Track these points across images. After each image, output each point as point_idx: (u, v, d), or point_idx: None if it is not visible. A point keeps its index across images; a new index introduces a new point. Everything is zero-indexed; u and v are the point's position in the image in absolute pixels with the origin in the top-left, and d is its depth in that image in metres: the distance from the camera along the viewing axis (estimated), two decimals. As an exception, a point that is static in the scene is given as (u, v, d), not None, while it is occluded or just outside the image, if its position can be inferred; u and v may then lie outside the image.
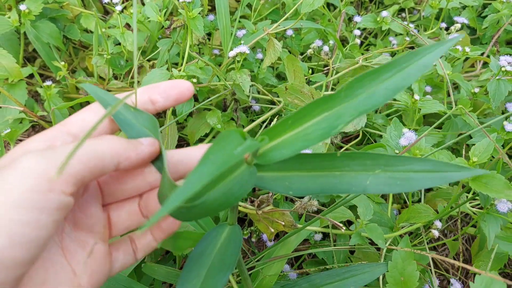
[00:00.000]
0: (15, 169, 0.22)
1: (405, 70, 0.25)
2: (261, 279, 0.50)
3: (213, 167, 0.21)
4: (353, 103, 0.25)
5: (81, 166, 0.24)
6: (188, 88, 0.32)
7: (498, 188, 0.46)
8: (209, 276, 0.32)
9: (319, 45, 0.75)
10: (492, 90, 0.66)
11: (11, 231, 0.21)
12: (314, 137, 0.25)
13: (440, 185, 0.26)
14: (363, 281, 0.47)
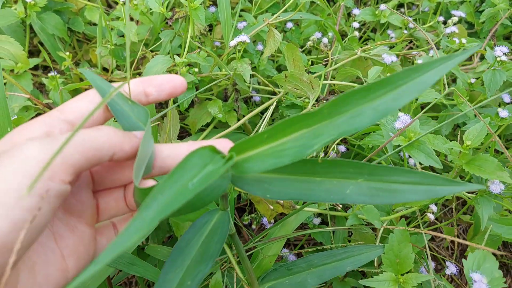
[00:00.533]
0: (17, 156, 0.23)
1: (399, 89, 0.23)
2: (261, 259, 0.51)
3: (157, 211, 0.20)
4: (334, 122, 0.23)
5: (79, 156, 0.25)
6: (182, 84, 0.33)
7: (490, 169, 0.48)
8: (191, 266, 0.32)
9: (318, 37, 0.77)
10: (487, 80, 0.67)
11: (14, 216, 0.21)
12: (288, 154, 0.24)
13: (426, 199, 0.26)
14: (359, 262, 0.49)
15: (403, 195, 0.25)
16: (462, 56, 0.23)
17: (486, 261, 0.45)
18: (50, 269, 0.27)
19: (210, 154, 0.25)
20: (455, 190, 0.24)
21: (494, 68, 0.67)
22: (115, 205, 0.32)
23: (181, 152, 0.30)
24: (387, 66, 0.68)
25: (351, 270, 0.48)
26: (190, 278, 0.32)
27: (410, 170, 0.25)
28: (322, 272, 0.48)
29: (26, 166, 0.22)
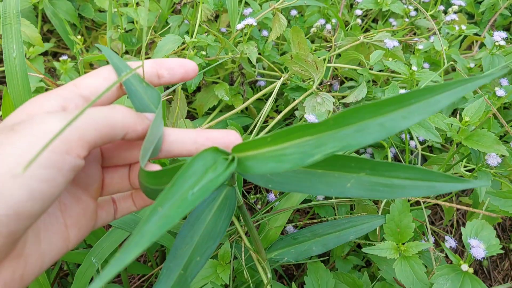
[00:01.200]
0: (37, 128, 0.24)
1: (410, 107, 0.22)
2: (267, 230, 0.53)
3: (158, 225, 0.20)
4: (339, 134, 0.23)
5: (95, 133, 0.25)
6: (193, 68, 0.33)
7: (488, 143, 0.50)
8: (200, 242, 0.34)
9: (322, 24, 0.79)
10: (486, 64, 0.69)
11: (31, 186, 0.22)
12: (288, 160, 0.24)
13: (426, 195, 0.26)
14: (362, 231, 0.51)
15: (403, 190, 0.25)
16: (483, 80, 0.21)
17: (484, 230, 0.47)
18: (54, 237, 0.28)
19: (213, 157, 0.25)
20: (456, 187, 0.24)
21: (493, 53, 0.69)
22: (119, 182, 0.33)
23: (189, 138, 0.31)
24: (389, 51, 0.71)
25: (354, 239, 0.50)
26: (199, 254, 0.34)
27: (412, 167, 0.25)
28: (326, 241, 0.50)
29: (46, 138, 0.23)
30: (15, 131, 0.24)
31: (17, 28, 0.41)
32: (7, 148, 0.22)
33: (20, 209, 0.22)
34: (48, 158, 0.23)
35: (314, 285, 0.54)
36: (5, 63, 0.42)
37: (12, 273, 0.25)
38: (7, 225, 0.22)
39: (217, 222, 0.35)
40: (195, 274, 0.33)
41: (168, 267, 0.33)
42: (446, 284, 0.44)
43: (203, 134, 0.31)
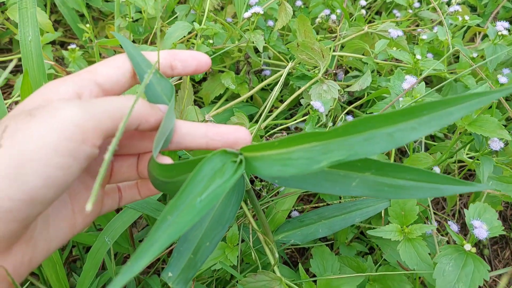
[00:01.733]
0: (55, 116, 0.24)
1: (420, 119, 0.22)
2: (275, 214, 0.55)
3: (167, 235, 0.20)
4: (347, 141, 0.23)
5: (111, 123, 0.25)
6: (206, 62, 0.34)
7: (491, 128, 0.51)
8: (210, 228, 0.34)
9: (327, 14, 0.80)
10: (489, 54, 0.70)
11: (46, 173, 0.22)
12: (294, 164, 0.24)
13: (431, 197, 0.26)
14: (367, 214, 0.52)
15: (408, 191, 0.25)
16: (499, 94, 0.20)
17: (487, 212, 0.48)
18: (62, 223, 0.29)
19: (221, 160, 0.25)
20: (460, 190, 0.24)
21: (496, 43, 0.70)
22: (127, 171, 0.33)
23: (200, 132, 0.31)
24: (393, 40, 0.72)
25: (360, 221, 0.51)
26: (209, 240, 0.34)
27: (417, 169, 0.25)
28: (332, 223, 0.51)
29: (63, 126, 0.23)
30: (33, 116, 0.24)
31: (33, 12, 0.42)
32: (25, 133, 0.23)
33: (34, 195, 0.22)
34: (65, 146, 0.23)
35: (320, 267, 0.56)
36: (21, 47, 0.43)
37: (22, 256, 0.26)
38: (21, 210, 0.22)
39: (226, 208, 0.36)
40: (205, 259, 0.34)
41: (178, 251, 0.34)
42: (449, 263, 0.45)
43: (213, 129, 0.31)
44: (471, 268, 0.44)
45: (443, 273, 0.44)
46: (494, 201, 0.60)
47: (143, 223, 0.76)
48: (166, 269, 0.34)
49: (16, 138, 0.22)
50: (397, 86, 0.54)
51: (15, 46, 0.92)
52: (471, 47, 0.90)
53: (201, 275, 0.55)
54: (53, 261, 0.47)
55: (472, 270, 0.44)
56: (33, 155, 0.22)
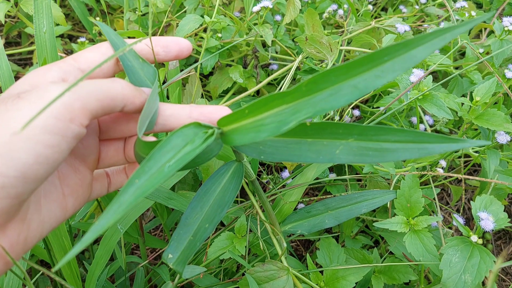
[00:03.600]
0: (44, 97, 0.25)
1: (384, 65, 0.21)
2: (282, 205, 0.55)
3: (134, 195, 0.21)
4: (312, 100, 0.23)
5: (97, 103, 0.26)
6: (187, 46, 0.34)
7: (498, 122, 0.51)
8: (210, 212, 0.36)
9: (334, 9, 0.80)
10: (495, 49, 0.71)
11: (37, 151, 0.23)
12: (266, 129, 0.25)
13: (419, 157, 0.25)
14: (374, 205, 0.53)
15: (393, 153, 0.25)
16: (462, 28, 0.20)
17: (493, 204, 0.49)
18: (53, 205, 0.30)
19: (193, 131, 0.26)
20: (450, 148, 0.24)
21: (502, 38, 0.71)
22: (114, 155, 0.34)
23: (184, 113, 0.32)
24: (400, 35, 0.72)
25: (366, 212, 0.51)
26: (208, 222, 0.35)
27: (401, 129, 0.25)
28: (338, 214, 0.52)
29: (52, 106, 0.24)
30: (21, 98, 0.25)
31: (48, 3, 0.43)
32: (15, 113, 0.24)
33: (27, 172, 0.23)
34: (54, 125, 0.24)
35: (326, 259, 0.56)
36: (35, 38, 0.44)
37: (17, 235, 0.27)
38: (15, 186, 0.23)
39: (226, 193, 0.37)
40: (204, 239, 0.35)
41: (178, 233, 0.35)
42: (455, 254, 0.46)
43: (197, 109, 0.32)
44: (477, 259, 0.45)
45: (450, 264, 0.45)
46: (499, 193, 0.60)
47: (150, 215, 0.77)
48: (167, 251, 0.35)
49: (5, 118, 0.23)
50: (404, 80, 0.54)
51: (23, 39, 0.92)
52: (477, 43, 0.90)
53: (208, 265, 0.56)
54: (65, 249, 0.48)
55: (479, 261, 0.45)
56: (23, 133, 0.23)
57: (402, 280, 0.55)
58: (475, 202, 0.48)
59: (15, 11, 0.64)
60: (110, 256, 0.47)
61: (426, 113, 0.72)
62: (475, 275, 0.44)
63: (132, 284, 0.60)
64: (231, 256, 0.50)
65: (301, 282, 0.49)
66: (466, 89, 0.76)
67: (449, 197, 0.86)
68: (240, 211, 0.56)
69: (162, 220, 0.62)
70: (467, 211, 0.83)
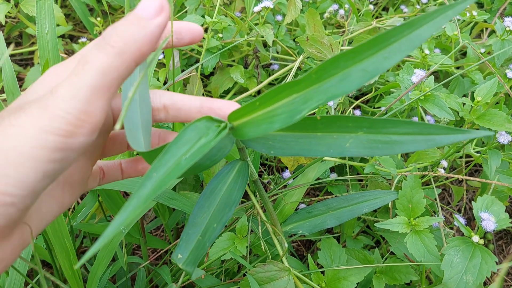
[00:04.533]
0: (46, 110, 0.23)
1: (391, 47, 0.22)
2: (283, 205, 0.55)
3: (152, 188, 0.21)
4: (323, 87, 0.23)
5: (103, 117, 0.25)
6: (200, 33, 0.33)
7: (500, 122, 0.51)
8: (217, 211, 0.36)
9: (335, 9, 0.80)
10: (496, 50, 0.70)
11: (45, 168, 0.23)
12: (278, 120, 0.25)
13: (426, 148, 0.25)
14: (375, 205, 0.53)
15: (402, 145, 0.25)
16: (463, 4, 0.21)
17: (494, 205, 0.49)
18: (52, 202, 0.29)
19: (206, 125, 0.26)
20: (456, 139, 0.24)
21: (503, 38, 0.71)
22: (118, 147, 0.34)
23: (195, 107, 0.31)
24: (401, 35, 0.72)
25: (367, 212, 0.51)
26: (216, 221, 0.35)
27: (409, 121, 0.25)
28: (340, 214, 0.52)
29: (54, 123, 0.23)
30: (24, 110, 0.23)
31: (50, 4, 0.43)
32: (18, 130, 0.23)
33: (36, 188, 0.23)
34: (59, 142, 0.23)
35: (327, 259, 0.56)
36: (37, 39, 0.44)
37: (20, 238, 0.26)
38: (24, 201, 0.23)
39: (232, 192, 0.37)
40: (213, 240, 0.35)
41: (187, 233, 0.35)
42: (457, 255, 0.46)
43: (207, 104, 0.31)
44: (479, 259, 0.45)
45: (451, 264, 0.45)
46: (501, 196, 0.60)
47: (151, 215, 0.77)
48: (176, 251, 0.35)
49: (10, 134, 0.23)
50: (406, 80, 0.54)
51: (24, 39, 0.92)
52: (478, 43, 0.90)
53: (210, 265, 0.56)
54: (66, 250, 0.48)
55: (480, 261, 0.45)
56: (28, 153, 0.22)
57: (403, 280, 0.55)
58: (477, 202, 0.48)
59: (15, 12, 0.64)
60: (112, 257, 0.47)
61: (427, 113, 0.72)
62: (477, 276, 0.44)
63: (134, 284, 0.60)
64: (233, 257, 0.50)
65: (302, 283, 0.49)
66: (467, 89, 0.76)
67: (450, 197, 0.86)
68: (241, 211, 0.56)
69: (164, 220, 0.62)
70: (468, 211, 0.83)
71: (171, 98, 0.31)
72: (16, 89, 0.45)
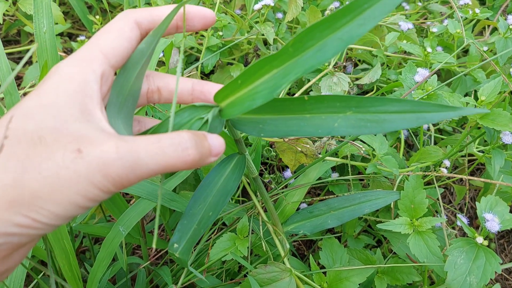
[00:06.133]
0: (84, 158, 0.23)
1: (365, 13, 0.22)
2: (284, 205, 0.55)
3: None
4: (300, 59, 0.24)
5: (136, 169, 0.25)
6: (212, 18, 0.32)
7: (503, 122, 0.51)
8: (213, 201, 0.36)
9: (336, 6, 0.79)
10: (499, 48, 0.70)
11: (75, 211, 0.24)
12: (260, 96, 0.26)
13: (417, 126, 0.26)
14: (377, 206, 0.52)
15: (392, 123, 0.25)
16: None
17: (498, 205, 0.48)
18: None
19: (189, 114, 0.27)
20: (447, 116, 0.24)
21: (507, 36, 0.70)
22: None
23: (186, 90, 0.32)
24: (403, 33, 0.71)
25: (369, 212, 0.51)
26: (212, 210, 0.36)
27: (399, 99, 0.25)
28: (341, 214, 0.51)
29: (93, 175, 0.23)
30: (82, 156, 0.23)
31: (48, 3, 0.42)
32: (70, 175, 0.23)
33: (60, 223, 0.24)
34: (97, 195, 0.24)
35: (329, 259, 0.56)
36: (36, 38, 0.43)
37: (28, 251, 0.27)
38: (47, 230, 0.24)
39: (228, 182, 0.37)
40: (207, 227, 0.36)
41: (182, 224, 0.35)
42: (460, 256, 0.45)
43: (198, 87, 0.32)
44: (483, 260, 0.44)
45: (455, 265, 0.44)
46: (505, 196, 0.60)
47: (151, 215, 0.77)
48: (172, 240, 0.35)
49: (60, 177, 0.22)
50: (409, 79, 0.53)
51: (23, 37, 0.92)
52: (480, 41, 0.90)
53: (210, 266, 0.56)
54: (65, 251, 0.47)
55: (484, 262, 0.44)
56: (70, 197, 0.23)
57: (405, 281, 0.55)
58: (480, 203, 0.48)
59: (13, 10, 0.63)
60: (112, 258, 0.47)
61: (429, 111, 0.71)
62: (481, 277, 0.44)
63: (134, 284, 0.60)
64: (234, 258, 0.50)
65: (304, 284, 0.49)
66: (469, 87, 0.75)
67: (452, 196, 0.85)
68: (242, 212, 0.56)
69: (164, 220, 0.61)
70: (470, 210, 0.83)
71: (164, 80, 0.32)
72: (14, 88, 0.45)
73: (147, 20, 0.30)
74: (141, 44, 0.28)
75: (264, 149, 0.64)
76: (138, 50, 0.28)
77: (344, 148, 0.57)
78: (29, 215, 0.22)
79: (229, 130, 0.35)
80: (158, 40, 0.28)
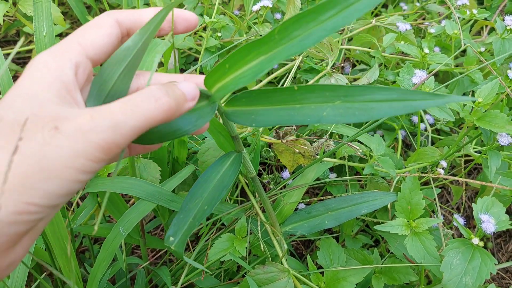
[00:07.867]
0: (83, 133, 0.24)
1: (351, 7, 0.24)
2: (282, 206, 0.55)
3: None
4: (286, 47, 0.26)
5: (135, 133, 0.26)
6: (195, 22, 0.33)
7: (500, 124, 0.51)
8: (209, 197, 0.37)
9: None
10: (497, 48, 0.70)
11: (70, 187, 0.24)
12: (243, 81, 0.28)
13: (404, 113, 0.26)
14: (374, 207, 0.53)
15: (379, 111, 0.26)
16: None
17: (494, 206, 0.49)
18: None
19: None
20: (435, 103, 0.24)
21: (504, 37, 0.70)
22: (141, 149, 0.35)
23: (179, 80, 0.32)
24: (401, 34, 0.72)
25: (366, 213, 0.51)
26: (207, 204, 0.37)
27: (386, 88, 0.26)
28: (339, 215, 0.52)
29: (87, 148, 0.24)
30: (59, 130, 0.23)
31: (47, 6, 0.42)
32: (55, 151, 0.23)
33: (57, 202, 0.24)
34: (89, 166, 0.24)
35: (327, 259, 0.57)
36: (35, 41, 0.43)
37: (31, 240, 0.27)
38: (44, 212, 0.24)
39: (225, 177, 0.38)
40: (202, 220, 0.36)
41: (179, 218, 0.36)
42: (457, 256, 0.46)
43: (192, 80, 0.32)
44: (478, 261, 0.45)
45: (451, 266, 0.45)
46: (503, 200, 0.60)
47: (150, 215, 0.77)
48: (168, 234, 0.36)
49: (45, 154, 0.23)
50: (406, 80, 0.54)
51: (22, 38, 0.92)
52: (478, 41, 0.90)
53: (209, 266, 0.56)
54: (66, 252, 0.48)
55: (479, 263, 0.45)
56: (60, 172, 0.23)
57: (402, 280, 0.56)
58: (477, 204, 0.48)
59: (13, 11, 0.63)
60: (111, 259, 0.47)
61: (426, 112, 0.72)
62: (476, 278, 0.45)
63: (133, 284, 0.60)
64: (232, 258, 0.50)
65: (301, 284, 0.49)
66: (467, 87, 0.76)
67: (449, 195, 0.86)
68: (240, 212, 0.56)
69: (164, 220, 0.62)
70: (467, 209, 0.83)
71: (157, 78, 0.32)
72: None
73: (129, 20, 0.31)
74: (127, 42, 0.29)
75: (263, 149, 0.64)
76: (123, 47, 0.28)
77: (342, 149, 0.57)
78: (22, 200, 0.22)
79: (225, 125, 0.35)
80: (148, 40, 0.29)
